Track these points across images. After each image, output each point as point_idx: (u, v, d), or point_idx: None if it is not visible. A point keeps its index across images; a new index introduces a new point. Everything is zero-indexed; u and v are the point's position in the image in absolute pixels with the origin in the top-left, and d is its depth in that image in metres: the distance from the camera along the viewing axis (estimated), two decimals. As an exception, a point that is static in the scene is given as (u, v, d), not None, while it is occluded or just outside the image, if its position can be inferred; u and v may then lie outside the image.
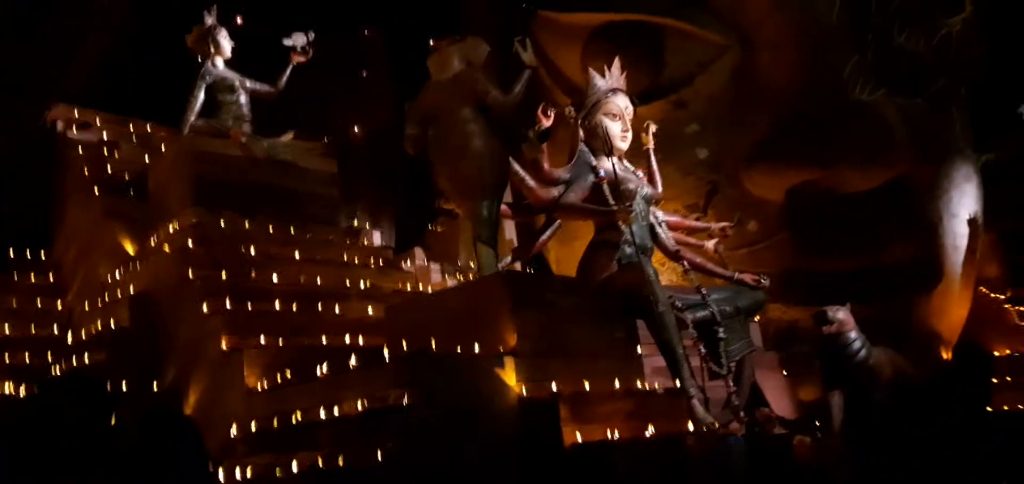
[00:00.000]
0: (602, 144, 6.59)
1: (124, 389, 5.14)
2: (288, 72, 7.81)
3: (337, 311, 5.85)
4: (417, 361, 4.15)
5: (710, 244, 6.99)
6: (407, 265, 7.47)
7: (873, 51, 7.75)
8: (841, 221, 7.49)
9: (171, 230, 6.54)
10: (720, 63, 7.97)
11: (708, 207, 7.81)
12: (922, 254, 7.62)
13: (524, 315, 4.48)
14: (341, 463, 3.92)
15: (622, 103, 6.78)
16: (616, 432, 4.23)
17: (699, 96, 8.01)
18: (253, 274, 5.97)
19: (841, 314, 6.11)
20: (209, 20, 7.76)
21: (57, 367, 5.64)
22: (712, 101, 7.98)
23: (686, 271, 6.48)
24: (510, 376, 4.21)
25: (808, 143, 7.36)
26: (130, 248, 6.94)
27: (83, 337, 6.17)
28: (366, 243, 7.37)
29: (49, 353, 5.86)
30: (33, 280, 7.40)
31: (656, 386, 5.00)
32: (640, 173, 6.78)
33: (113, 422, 4.02)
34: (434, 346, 4.40)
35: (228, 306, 5.44)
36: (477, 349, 4.34)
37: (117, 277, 6.64)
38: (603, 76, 6.78)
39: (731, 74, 7.93)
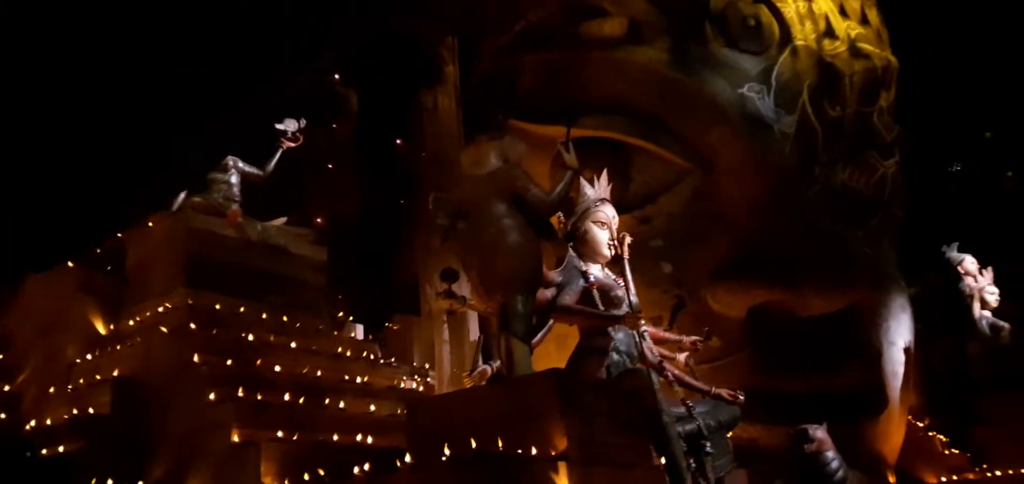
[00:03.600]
0: (590, 251, 6.68)
1: (105, 484, 4.58)
2: (277, 157, 7.61)
3: (342, 406, 5.51)
4: (486, 463, 3.94)
5: (681, 357, 7.11)
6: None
7: (821, 185, 8.32)
8: (798, 343, 7.82)
9: (161, 310, 6.03)
10: (683, 184, 8.34)
11: (674, 321, 7.98)
12: (868, 380, 8.03)
13: (572, 418, 4.37)
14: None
15: (610, 212, 6.93)
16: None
17: (662, 213, 8.31)
18: (258, 362, 5.56)
19: (820, 433, 6.31)
20: None
21: (19, 457, 4.97)
22: (675, 219, 8.29)
23: (670, 383, 6.53)
24: (563, 483, 4.07)
25: (775, 264, 7.71)
26: (102, 327, 6.33)
27: (50, 423, 5.49)
28: (352, 335, 7.07)
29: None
30: (-24, 359, 6.59)
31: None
32: (620, 282, 6.88)
33: None
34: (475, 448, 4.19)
35: (240, 395, 5.01)
36: (533, 452, 4.17)
37: (89, 358, 6.00)
38: (593, 185, 6.92)
39: (693, 194, 8.29)
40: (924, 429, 9.63)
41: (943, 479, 8.67)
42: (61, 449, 5.08)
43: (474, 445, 4.21)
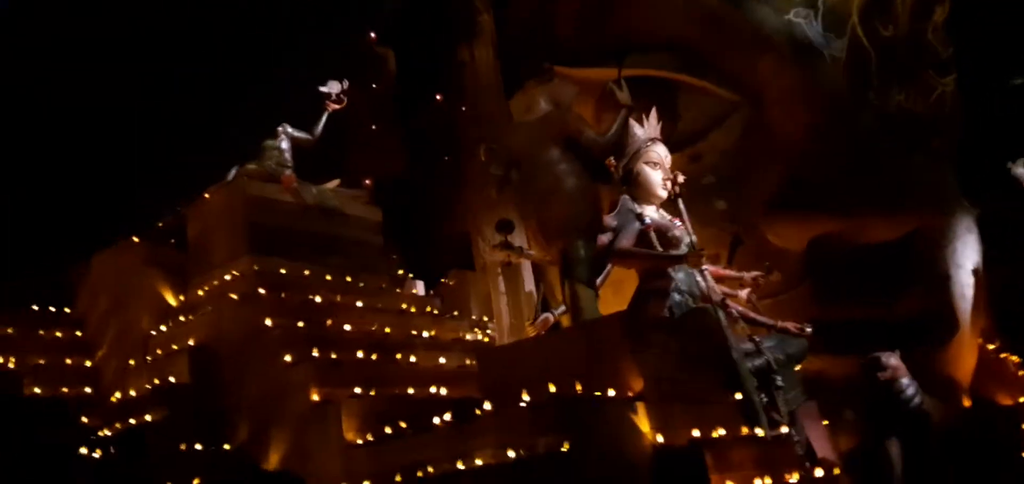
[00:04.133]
0: (644, 193, 6.58)
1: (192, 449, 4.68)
2: (324, 120, 7.63)
3: (413, 360, 5.55)
4: (568, 406, 3.93)
5: (743, 293, 7.00)
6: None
7: (876, 109, 8.05)
8: (860, 272, 7.63)
9: (228, 278, 6.12)
10: (732, 118, 8.14)
11: (732, 258, 7.84)
12: (934, 306, 7.80)
13: (644, 358, 4.33)
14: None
15: (661, 152, 6.83)
16: (759, 482, 4.09)
17: (713, 149, 8.13)
18: (328, 322, 5.63)
19: (893, 360, 6.16)
20: None
21: (109, 428, 5.12)
22: (726, 154, 8.12)
23: (734, 320, 6.44)
24: (643, 422, 4.04)
25: (832, 193, 7.52)
26: (171, 299, 6.47)
27: (133, 395, 5.64)
28: (414, 292, 7.12)
29: (88, 414, 5.31)
30: (59, 336, 6.76)
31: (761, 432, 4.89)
32: (677, 222, 6.78)
33: None
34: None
35: (315, 355, 5.08)
36: (610, 394, 4.15)
37: (163, 330, 6.15)
38: (642, 125, 6.80)
39: (743, 129, 8.10)
40: (995, 351, 9.36)
41: (1021, 400, 8.44)
42: (148, 418, 5.21)
43: (552, 390, 4.20)
